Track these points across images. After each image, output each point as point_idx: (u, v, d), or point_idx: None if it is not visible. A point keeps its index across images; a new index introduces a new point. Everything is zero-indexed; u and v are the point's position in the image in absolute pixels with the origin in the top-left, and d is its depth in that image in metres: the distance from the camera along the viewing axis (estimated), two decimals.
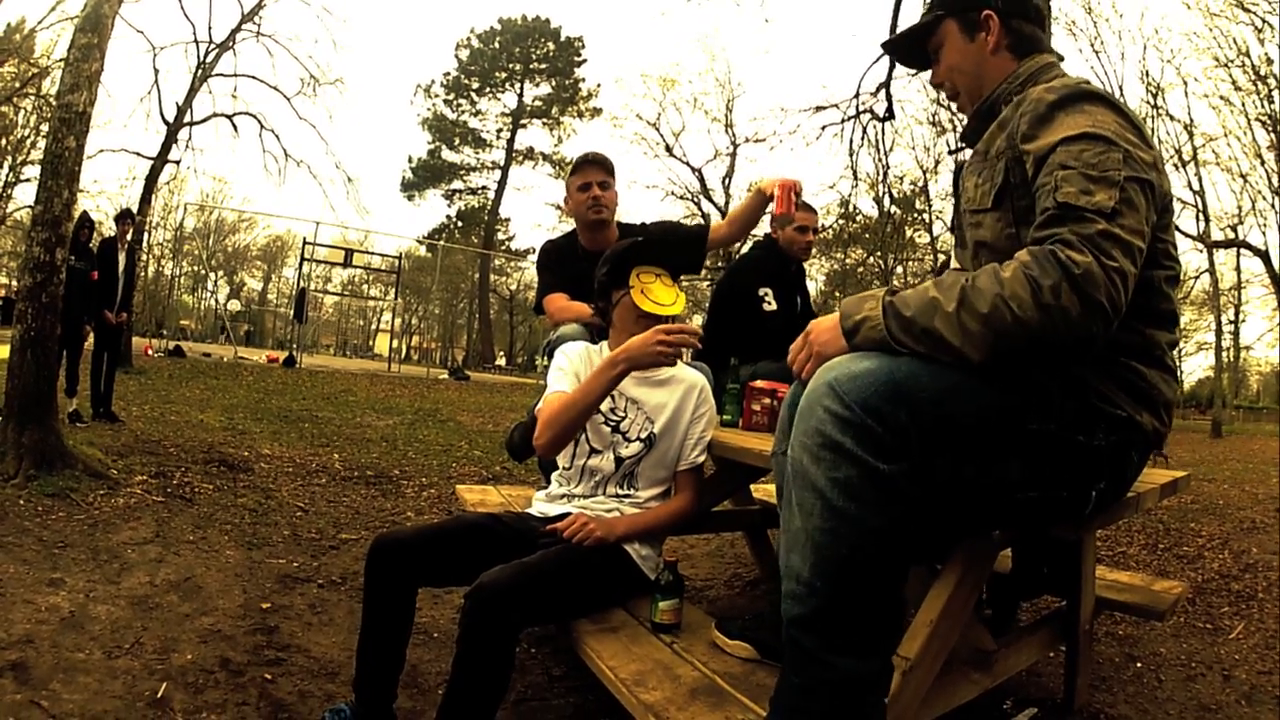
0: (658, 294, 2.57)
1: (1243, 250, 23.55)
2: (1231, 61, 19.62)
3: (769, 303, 4.25)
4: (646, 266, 2.60)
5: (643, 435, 2.54)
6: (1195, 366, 53.57)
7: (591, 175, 3.60)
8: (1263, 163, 20.58)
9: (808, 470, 1.45)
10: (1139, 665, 3.25)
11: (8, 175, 31.50)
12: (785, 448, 1.57)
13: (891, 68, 10.86)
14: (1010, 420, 1.53)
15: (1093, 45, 20.32)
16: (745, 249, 5.69)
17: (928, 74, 2.16)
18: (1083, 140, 1.55)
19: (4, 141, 30.18)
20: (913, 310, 1.49)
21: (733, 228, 3.76)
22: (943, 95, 2.14)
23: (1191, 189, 21.41)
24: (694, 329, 2.32)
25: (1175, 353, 1.79)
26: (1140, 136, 1.61)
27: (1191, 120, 21.31)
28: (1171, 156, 20.93)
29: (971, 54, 1.95)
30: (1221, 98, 20.50)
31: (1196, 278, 30.36)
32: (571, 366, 2.58)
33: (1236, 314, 30.76)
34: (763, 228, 4.53)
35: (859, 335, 1.56)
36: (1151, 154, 1.59)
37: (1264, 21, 18.10)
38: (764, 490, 3.94)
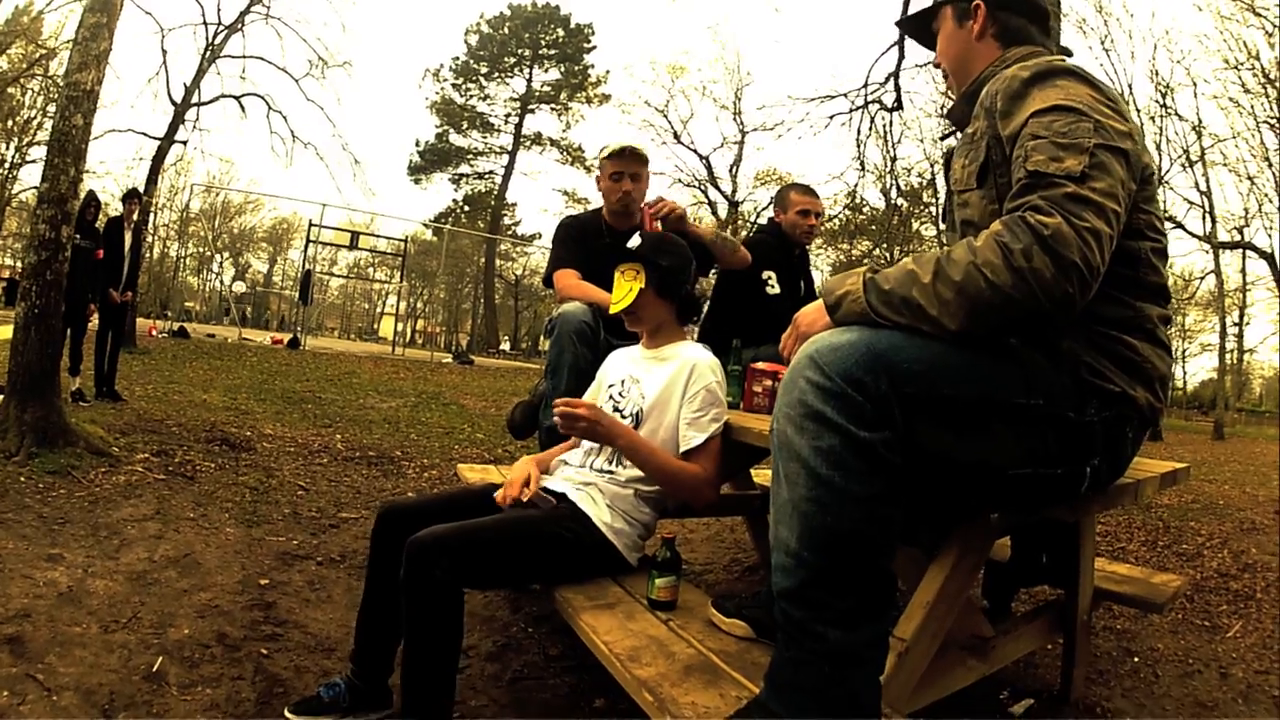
0: (615, 289, 2.62)
1: (1248, 252, 23.47)
2: (1241, 64, 19.52)
3: (772, 286, 4.24)
4: (630, 263, 2.61)
5: (633, 411, 2.54)
6: (1198, 368, 53.61)
7: (624, 167, 3.65)
8: (1270, 165, 20.48)
9: (792, 441, 1.46)
10: (1136, 660, 3.25)
11: (13, 156, 31.51)
12: None
13: (900, 58, 10.83)
14: (994, 393, 1.54)
15: (1103, 44, 20.17)
16: (749, 233, 5.70)
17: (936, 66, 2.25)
18: (1054, 112, 1.59)
19: (10, 123, 30.17)
20: (891, 283, 1.53)
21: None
22: (938, 75, 2.22)
23: (1199, 189, 21.33)
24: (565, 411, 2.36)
25: (1169, 329, 1.79)
26: (1115, 109, 1.64)
27: (1200, 121, 21.22)
28: (1179, 156, 20.85)
29: (959, 39, 2.04)
30: (1231, 99, 20.40)
31: (1202, 279, 30.30)
32: None
33: (1241, 316, 30.78)
34: (766, 213, 4.55)
35: (841, 310, 1.60)
36: (1128, 125, 1.62)
37: (1275, 25, 18.02)
38: (764, 475, 3.93)
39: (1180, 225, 20.78)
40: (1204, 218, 21.61)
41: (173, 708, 2.34)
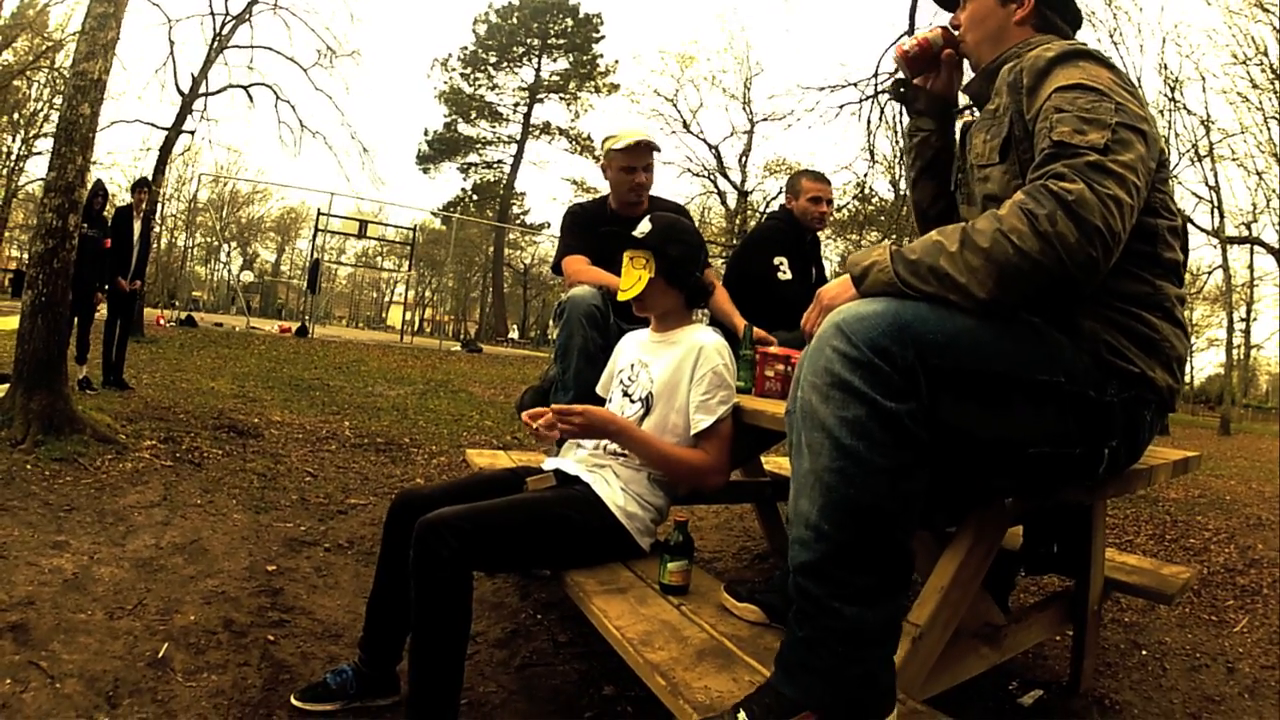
0: (623, 277, 2.60)
1: (1256, 248, 23.45)
2: (1250, 59, 19.53)
3: (784, 272, 4.22)
4: (639, 250, 2.58)
5: (642, 396, 2.54)
6: (1205, 363, 53.60)
7: (636, 161, 3.58)
8: (1278, 160, 20.45)
9: (817, 410, 1.44)
10: (1144, 653, 3.25)
11: (20, 148, 31.63)
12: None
13: None
14: (1017, 369, 1.54)
15: (1112, 37, 20.13)
16: (760, 221, 5.70)
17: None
18: (1077, 89, 1.62)
19: (17, 115, 30.27)
20: (918, 253, 1.53)
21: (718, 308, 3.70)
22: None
23: (1207, 184, 21.31)
24: (549, 419, 2.36)
25: (1184, 310, 1.79)
26: (1132, 94, 1.65)
27: (1209, 115, 21.19)
28: (1188, 151, 20.83)
29: (998, 17, 2.01)
30: (1239, 94, 20.42)
31: (1210, 273, 30.25)
32: None
33: (1248, 311, 30.67)
34: (776, 202, 4.52)
35: (868, 280, 1.59)
36: (1144, 110, 1.63)
37: None
38: (774, 462, 3.92)
39: (1189, 220, 20.71)
40: (1212, 213, 21.63)
41: (178, 694, 2.32)
